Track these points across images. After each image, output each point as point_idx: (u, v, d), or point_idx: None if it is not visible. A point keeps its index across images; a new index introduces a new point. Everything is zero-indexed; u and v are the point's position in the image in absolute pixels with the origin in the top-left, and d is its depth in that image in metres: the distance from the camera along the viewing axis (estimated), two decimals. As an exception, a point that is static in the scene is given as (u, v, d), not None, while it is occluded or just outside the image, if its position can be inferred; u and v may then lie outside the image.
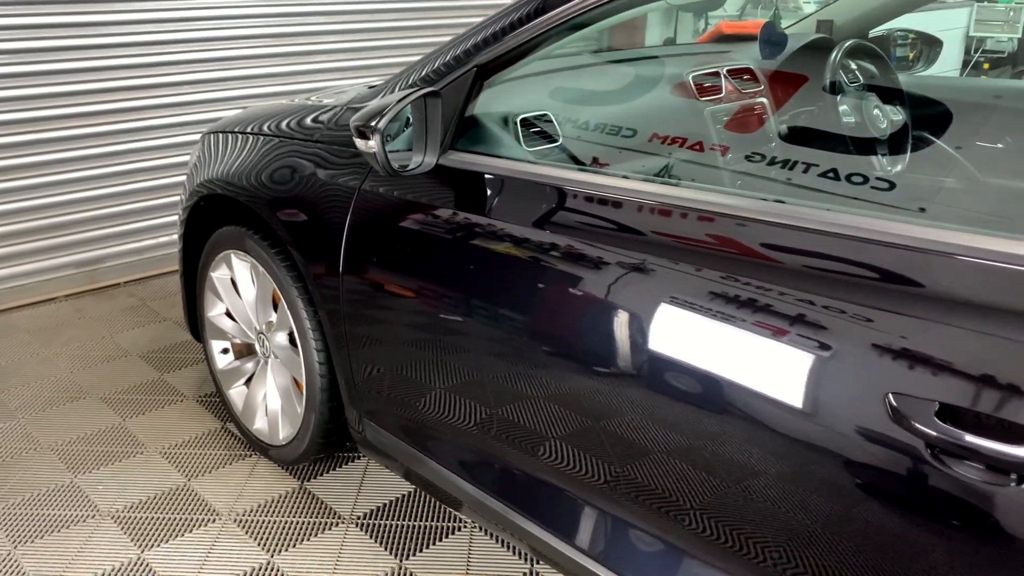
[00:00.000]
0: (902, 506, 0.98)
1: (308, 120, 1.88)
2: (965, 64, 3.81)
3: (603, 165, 1.64)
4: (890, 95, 2.11)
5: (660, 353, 1.20)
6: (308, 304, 1.88)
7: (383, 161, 1.39)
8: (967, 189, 1.77)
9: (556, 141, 1.64)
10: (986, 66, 3.95)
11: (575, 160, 1.69)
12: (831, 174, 1.45)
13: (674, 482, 1.22)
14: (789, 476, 1.08)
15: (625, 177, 1.38)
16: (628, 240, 1.27)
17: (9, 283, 3.32)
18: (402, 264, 1.61)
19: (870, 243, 1.04)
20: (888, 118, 2.06)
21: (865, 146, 1.96)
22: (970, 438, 0.90)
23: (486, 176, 1.51)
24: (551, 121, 1.66)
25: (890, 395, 0.96)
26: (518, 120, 1.61)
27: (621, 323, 1.26)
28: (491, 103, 1.62)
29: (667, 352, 1.20)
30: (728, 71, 2.03)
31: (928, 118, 1.99)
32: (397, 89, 1.60)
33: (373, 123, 1.36)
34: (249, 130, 2.06)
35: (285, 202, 1.84)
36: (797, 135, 2.08)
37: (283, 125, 1.95)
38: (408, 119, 1.58)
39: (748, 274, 1.12)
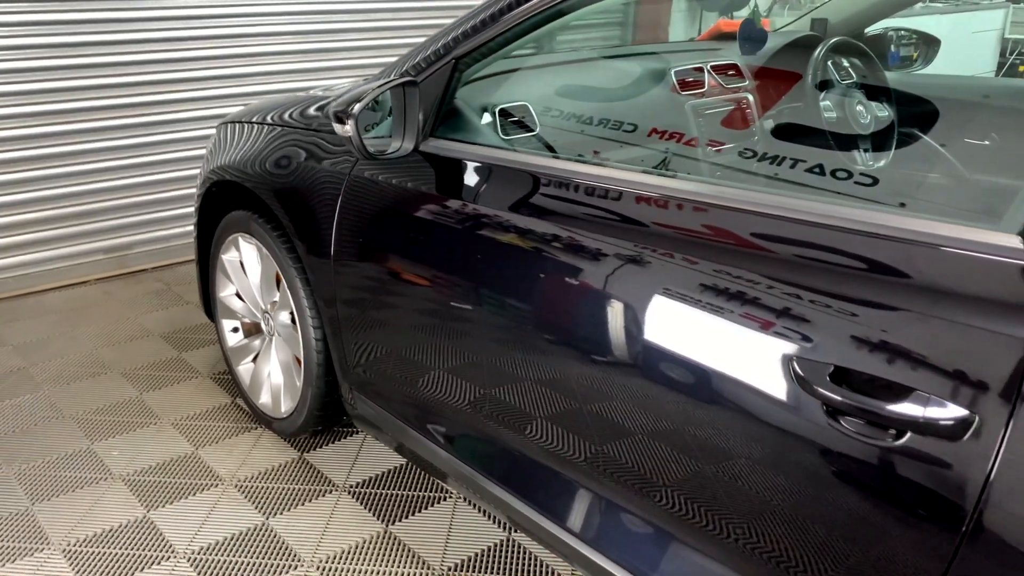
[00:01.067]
0: (810, 463, 1.07)
1: (307, 110, 2.00)
2: (1000, 66, 3.81)
3: (579, 155, 1.73)
4: (877, 92, 2.17)
5: (614, 329, 1.29)
6: (305, 284, 2.00)
7: (358, 144, 1.50)
8: (945, 182, 1.82)
9: (533, 131, 1.74)
10: (1021, 68, 3.95)
11: (550, 149, 1.78)
12: (817, 169, 1.52)
13: (642, 459, 1.29)
14: (718, 437, 1.17)
15: (598, 165, 1.46)
16: (599, 224, 1.33)
17: (44, 266, 3.51)
18: (387, 247, 1.72)
19: (787, 221, 1.12)
20: (872, 115, 2.11)
21: (850, 142, 2.01)
22: (857, 397, 0.99)
23: (464, 162, 1.61)
24: (529, 111, 1.75)
25: (794, 360, 1.04)
26: (496, 110, 1.71)
27: (588, 302, 1.33)
28: (471, 94, 1.72)
29: (617, 328, 1.28)
30: (714, 67, 2.11)
31: (914, 115, 2.04)
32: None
33: (349, 109, 1.47)
34: (257, 120, 2.20)
35: (284, 187, 1.96)
36: (783, 131, 2.14)
37: (286, 115, 2.08)
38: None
39: (690, 253, 1.20)
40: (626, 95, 2.02)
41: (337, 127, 1.51)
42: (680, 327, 1.19)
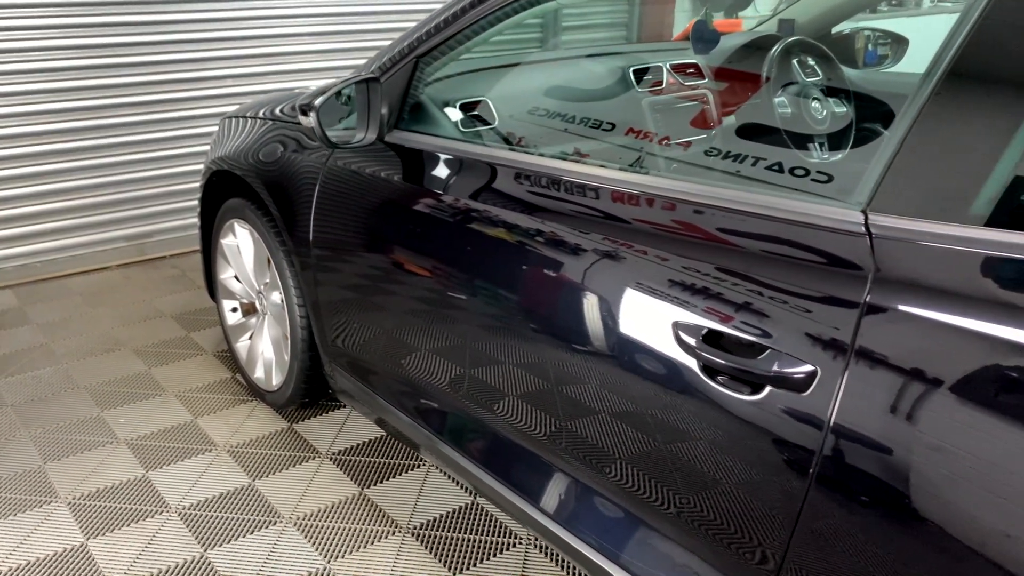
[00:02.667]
0: (694, 415, 1.20)
1: (294, 105, 2.17)
2: None
3: (534, 148, 1.87)
4: (837, 91, 2.27)
5: (559, 308, 1.42)
6: (291, 266, 2.17)
7: (320, 134, 1.66)
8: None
9: (491, 124, 1.89)
10: None
11: (507, 141, 1.92)
12: (776, 167, 1.63)
13: (589, 431, 1.41)
14: (612, 389, 1.31)
15: (548, 157, 1.59)
16: (546, 210, 1.45)
17: (69, 252, 3.75)
18: (356, 231, 1.88)
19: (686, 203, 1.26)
20: (830, 112, 2.21)
21: (807, 141, 2.12)
22: (724, 355, 1.12)
23: (426, 152, 1.76)
24: (488, 107, 1.90)
25: (677, 325, 1.18)
26: (457, 105, 1.86)
27: (534, 280, 1.47)
28: (437, 91, 1.87)
29: (561, 307, 1.41)
30: (673, 66, 2.23)
31: (872, 113, 2.14)
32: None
33: (312, 102, 1.64)
34: (252, 115, 2.37)
35: (271, 176, 2.13)
36: (740, 129, 2.25)
37: (275, 111, 2.25)
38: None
39: (615, 235, 1.34)
40: (583, 92, 2.15)
41: (302, 118, 1.67)
42: (597, 304, 1.34)
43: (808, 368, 1.05)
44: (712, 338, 1.15)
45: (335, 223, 1.92)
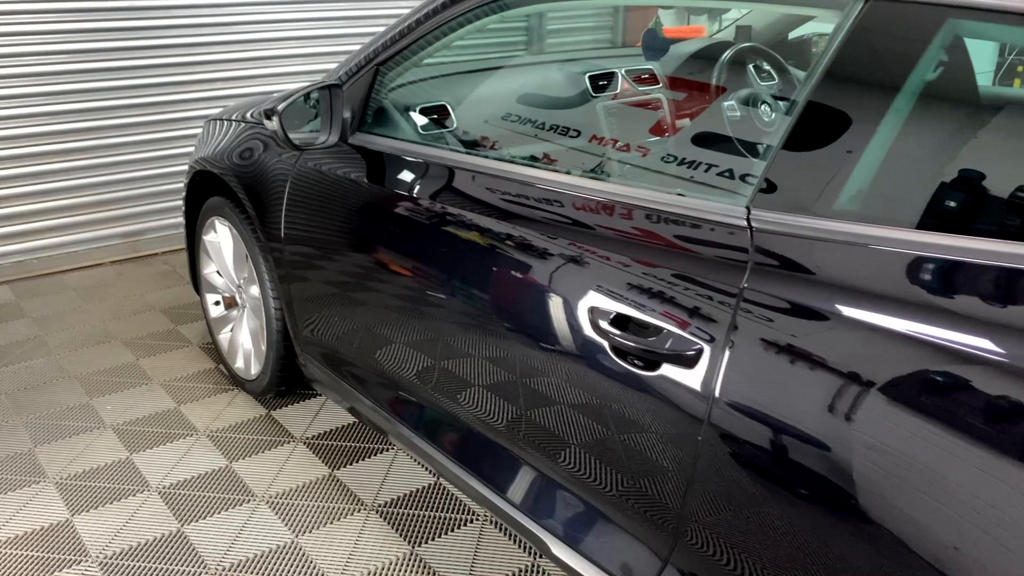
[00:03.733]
0: (604, 391, 1.33)
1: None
2: (999, 66, 3.96)
3: (488, 151, 2.00)
4: (784, 96, 2.38)
5: (510, 298, 1.55)
6: (266, 261, 2.30)
7: (282, 136, 1.80)
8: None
9: (449, 128, 2.02)
10: (1021, 69, 4.11)
11: (464, 144, 2.05)
12: (727, 173, 1.73)
13: (543, 417, 1.52)
14: (546, 366, 1.44)
15: (498, 160, 1.71)
16: (500, 210, 1.56)
17: (65, 249, 3.89)
18: (323, 228, 2.00)
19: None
20: (778, 114, 2.33)
21: (757, 148, 2.23)
22: (629, 336, 1.25)
23: (386, 154, 1.89)
24: (447, 111, 2.03)
25: (592, 309, 1.31)
26: (414, 109, 1.99)
27: (483, 272, 1.59)
28: (394, 96, 2.00)
29: (515, 298, 1.54)
30: (627, 72, 2.36)
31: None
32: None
33: (275, 107, 1.77)
34: (231, 118, 2.51)
35: (247, 176, 2.27)
36: (688, 135, 2.36)
37: (252, 114, 2.38)
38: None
39: (558, 234, 1.46)
40: (536, 98, 2.28)
41: (266, 122, 1.81)
42: (523, 292, 1.47)
43: (697, 347, 1.18)
44: (620, 322, 1.28)
45: (304, 221, 2.05)
